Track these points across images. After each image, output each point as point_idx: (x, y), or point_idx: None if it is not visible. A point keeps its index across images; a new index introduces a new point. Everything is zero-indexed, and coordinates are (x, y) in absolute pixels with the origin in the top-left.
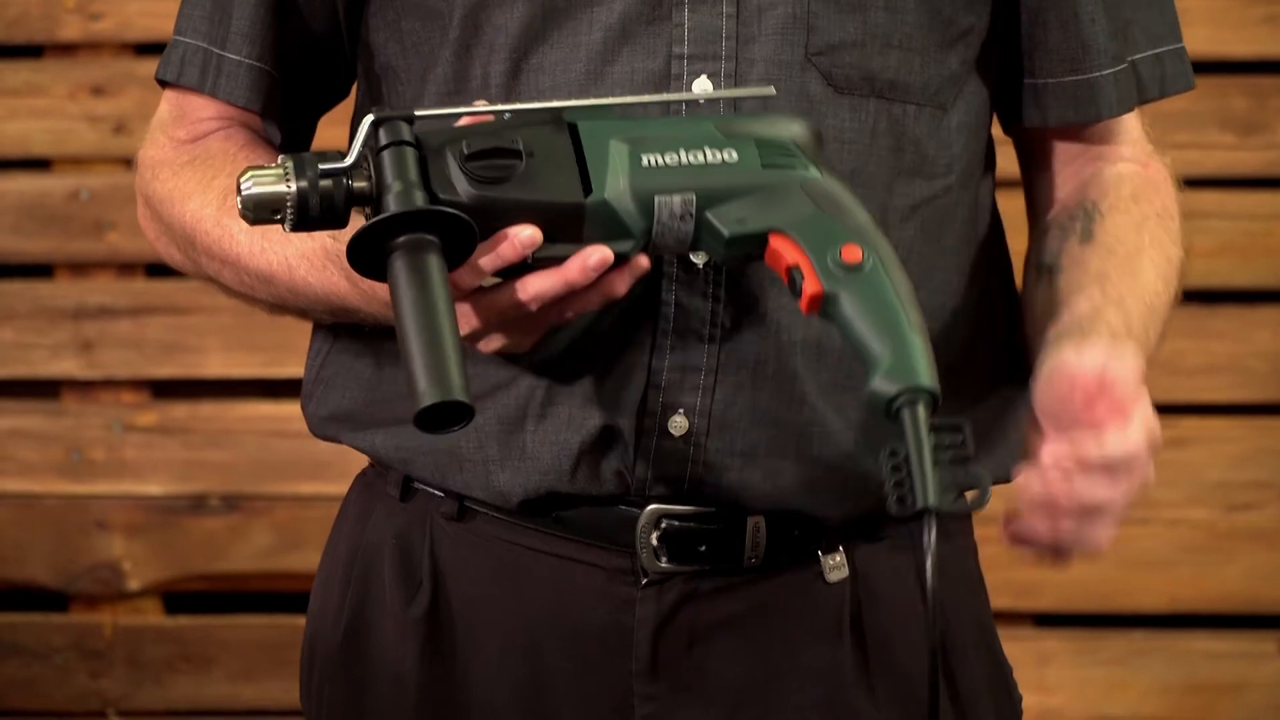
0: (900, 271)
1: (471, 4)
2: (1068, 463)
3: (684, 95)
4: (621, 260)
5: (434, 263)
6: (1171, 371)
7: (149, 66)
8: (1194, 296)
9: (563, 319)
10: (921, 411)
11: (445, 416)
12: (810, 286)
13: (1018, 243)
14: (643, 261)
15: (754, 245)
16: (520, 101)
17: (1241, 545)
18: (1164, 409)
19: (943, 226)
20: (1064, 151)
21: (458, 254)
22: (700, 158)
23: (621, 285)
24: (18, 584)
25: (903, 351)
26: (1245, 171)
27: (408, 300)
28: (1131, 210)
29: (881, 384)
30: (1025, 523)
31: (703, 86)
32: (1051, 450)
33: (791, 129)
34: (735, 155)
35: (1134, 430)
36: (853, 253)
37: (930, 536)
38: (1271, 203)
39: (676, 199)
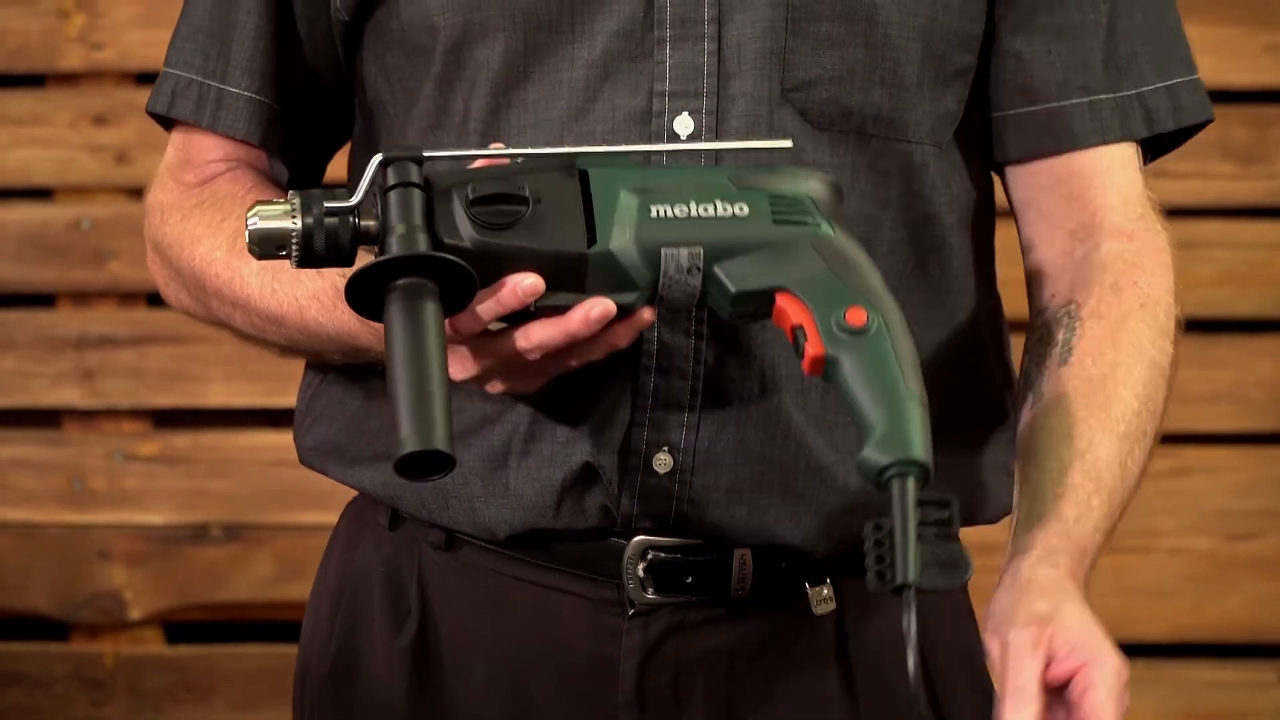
0: (906, 338)
1: (454, 39)
2: None
3: (697, 146)
4: (627, 312)
5: (430, 309)
6: (1173, 400)
7: None
8: (1195, 326)
9: (566, 368)
10: (911, 485)
11: (426, 465)
12: (812, 348)
13: (1015, 272)
14: (646, 315)
15: (761, 302)
16: (504, 139)
17: (1243, 574)
18: (1166, 438)
19: (938, 264)
20: (1047, 202)
21: (459, 298)
22: (711, 210)
23: (624, 338)
24: (19, 613)
25: (898, 421)
26: (1246, 201)
27: (400, 346)
28: (1112, 310)
29: (873, 453)
30: None
31: (684, 123)
32: None
33: (809, 184)
34: (746, 209)
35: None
36: (857, 315)
37: (911, 613)
38: (1272, 232)
39: (684, 252)
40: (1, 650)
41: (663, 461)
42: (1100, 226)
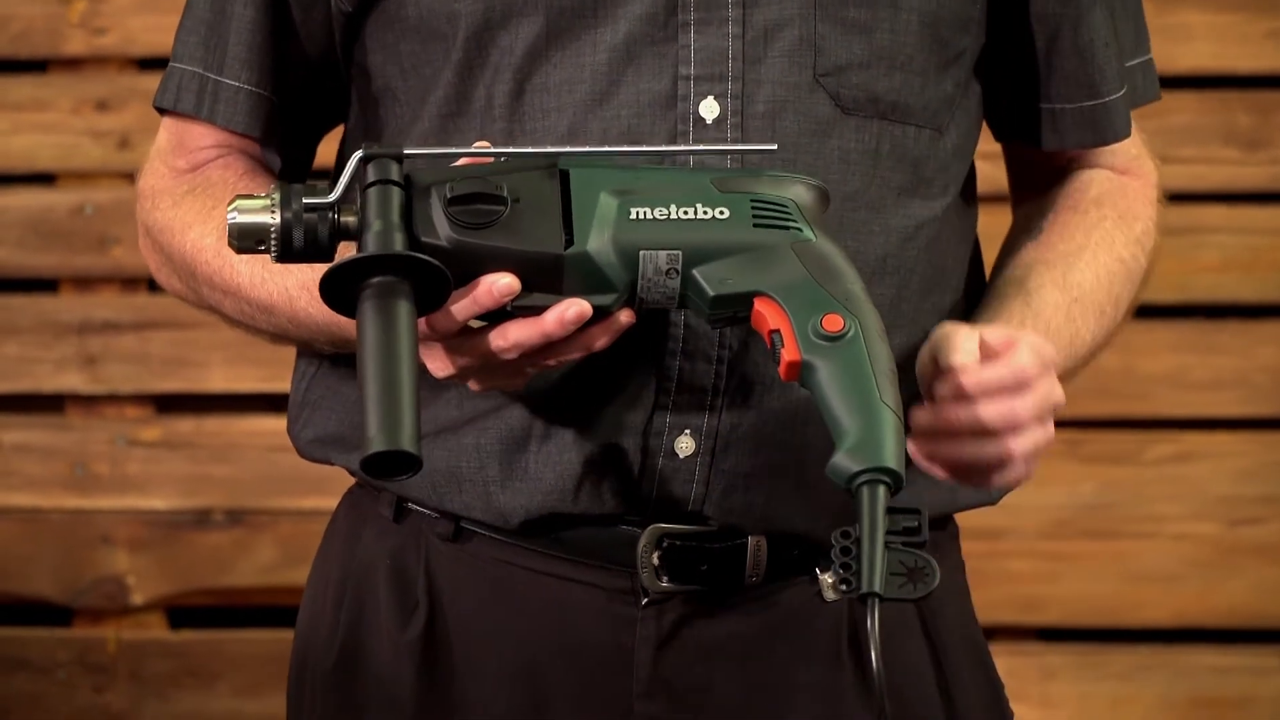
0: (883, 345)
1: (476, 25)
2: (948, 392)
3: (682, 149)
4: (605, 313)
5: (403, 308)
6: (1177, 386)
7: (153, 81)
8: (1199, 311)
9: (545, 367)
10: (881, 493)
11: (393, 464)
12: (789, 353)
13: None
14: (623, 317)
15: (740, 306)
16: (524, 127)
17: (1246, 560)
18: (1169, 423)
19: (942, 247)
20: (1057, 159)
21: (435, 297)
22: (691, 213)
23: (601, 340)
24: (22, 598)
25: (871, 429)
26: (1250, 187)
27: (370, 345)
28: (1089, 212)
29: (844, 460)
30: (927, 446)
31: (710, 107)
32: (937, 386)
33: (793, 189)
34: (727, 213)
35: (1019, 355)
36: (834, 322)
37: (875, 621)
38: (1276, 218)
39: (662, 254)
40: (5, 636)
41: (684, 445)
42: (1095, 162)
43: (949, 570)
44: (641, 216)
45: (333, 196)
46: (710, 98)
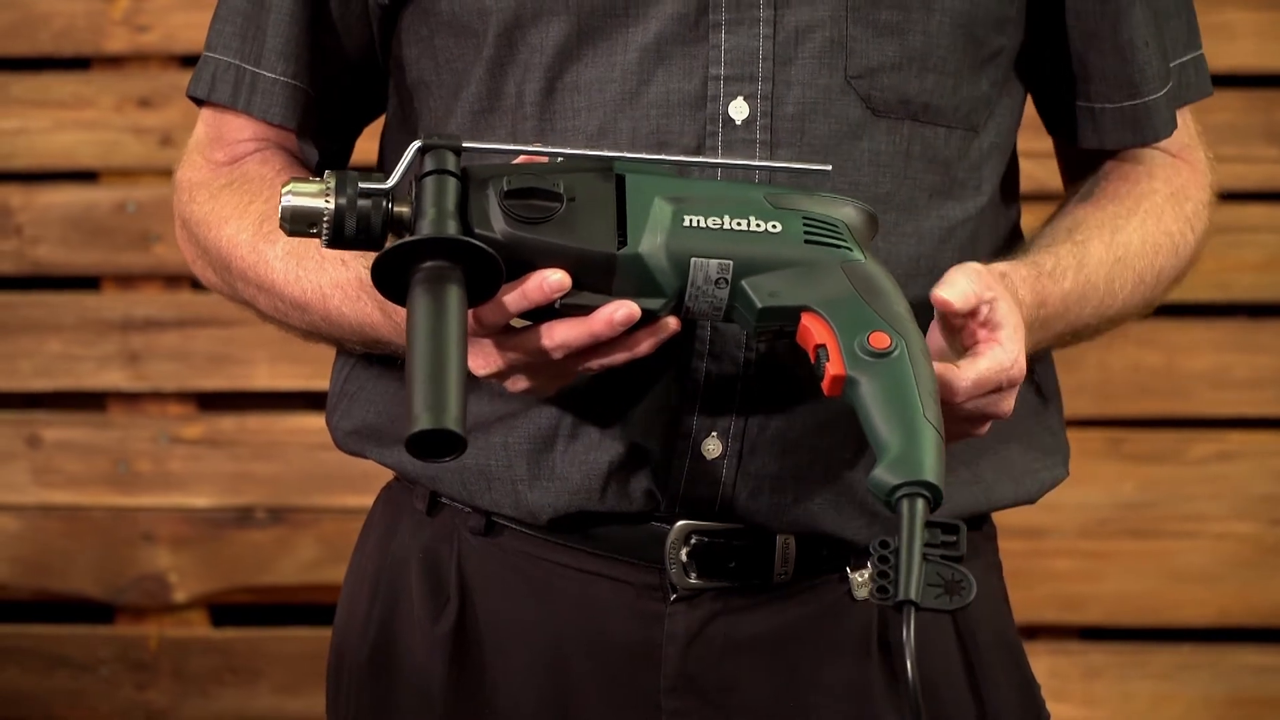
0: (926, 363)
1: (506, 22)
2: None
3: (738, 163)
4: (652, 318)
5: (453, 293)
6: (1218, 385)
7: None
8: (1240, 310)
9: (587, 370)
10: (920, 507)
11: (437, 445)
12: (834, 368)
13: None
14: (671, 323)
15: (787, 319)
16: (554, 125)
17: None
18: (1210, 423)
19: (976, 248)
20: (1104, 159)
21: (485, 289)
22: (743, 225)
23: (646, 345)
24: (64, 596)
25: (912, 444)
26: None
27: (420, 325)
28: (1141, 182)
29: (885, 473)
30: None
31: (739, 108)
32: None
33: (844, 210)
34: (779, 227)
35: (1006, 350)
36: (881, 340)
37: (910, 629)
38: None
39: (713, 263)
40: (47, 633)
41: (711, 448)
42: (1147, 149)
43: (983, 571)
44: (695, 224)
45: (388, 184)
46: (740, 98)
